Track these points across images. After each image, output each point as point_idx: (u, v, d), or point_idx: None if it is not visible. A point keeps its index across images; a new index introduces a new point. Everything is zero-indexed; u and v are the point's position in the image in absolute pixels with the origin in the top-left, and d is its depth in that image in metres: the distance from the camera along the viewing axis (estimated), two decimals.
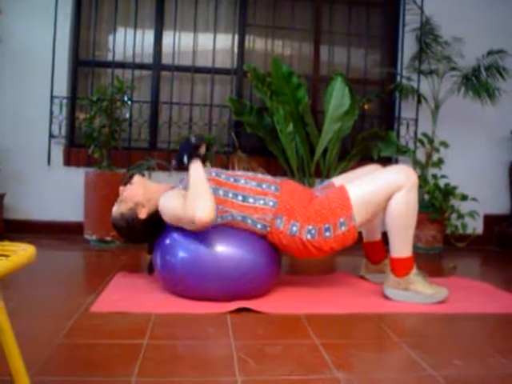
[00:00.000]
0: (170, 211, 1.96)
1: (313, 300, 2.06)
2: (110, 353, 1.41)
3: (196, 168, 1.98)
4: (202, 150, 2.08)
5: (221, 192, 2.02)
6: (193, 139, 2.06)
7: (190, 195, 1.89)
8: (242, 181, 2.08)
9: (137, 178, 2.16)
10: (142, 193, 2.10)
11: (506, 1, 3.98)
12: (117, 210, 2.14)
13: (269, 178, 2.17)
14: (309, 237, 2.01)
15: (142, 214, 2.08)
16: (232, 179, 2.08)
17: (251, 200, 2.03)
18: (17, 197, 3.54)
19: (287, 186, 2.11)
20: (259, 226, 2.03)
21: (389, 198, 2.02)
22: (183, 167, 2.04)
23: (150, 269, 2.22)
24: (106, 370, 1.30)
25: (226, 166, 3.21)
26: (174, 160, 2.11)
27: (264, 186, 2.08)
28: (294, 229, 2.01)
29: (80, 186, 3.33)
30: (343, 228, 2.00)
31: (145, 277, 2.31)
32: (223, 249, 1.95)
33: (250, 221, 2.02)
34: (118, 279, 2.27)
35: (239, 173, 2.17)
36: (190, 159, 2.01)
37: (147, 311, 1.81)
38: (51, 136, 3.58)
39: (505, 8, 3.98)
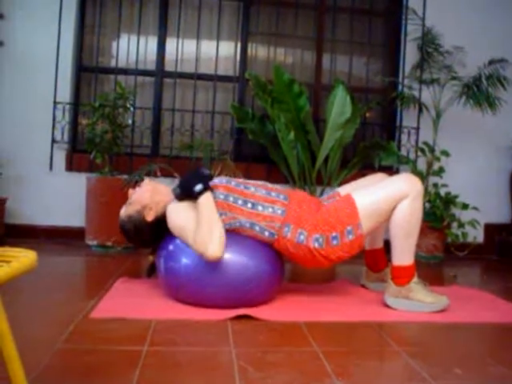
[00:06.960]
0: (177, 228, 1.98)
1: (314, 308, 2.06)
2: (110, 359, 1.41)
3: (209, 199, 1.97)
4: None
5: (231, 198, 2.03)
6: (205, 171, 2.04)
7: (203, 229, 1.87)
8: (252, 188, 2.09)
9: (146, 181, 2.17)
10: (151, 195, 2.10)
11: (507, 10, 4.00)
12: (124, 212, 2.14)
13: (278, 187, 2.18)
14: (316, 245, 2.01)
15: (150, 217, 2.08)
16: (242, 186, 2.09)
17: (260, 208, 2.04)
18: (18, 201, 3.55)
19: (295, 196, 2.12)
20: (267, 234, 2.03)
21: (395, 207, 2.03)
22: (191, 195, 1.98)
23: (150, 271, 2.21)
24: (105, 376, 1.30)
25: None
26: (179, 188, 2.02)
27: (273, 194, 2.09)
28: (302, 237, 2.01)
29: (82, 191, 3.33)
30: (350, 236, 2.01)
31: (146, 282, 2.31)
32: (227, 255, 1.94)
33: (257, 228, 2.03)
34: (118, 285, 2.27)
35: (250, 181, 2.18)
36: (202, 189, 1.97)
37: (147, 317, 1.81)
38: (53, 141, 3.59)
39: (506, 17, 4.00)
